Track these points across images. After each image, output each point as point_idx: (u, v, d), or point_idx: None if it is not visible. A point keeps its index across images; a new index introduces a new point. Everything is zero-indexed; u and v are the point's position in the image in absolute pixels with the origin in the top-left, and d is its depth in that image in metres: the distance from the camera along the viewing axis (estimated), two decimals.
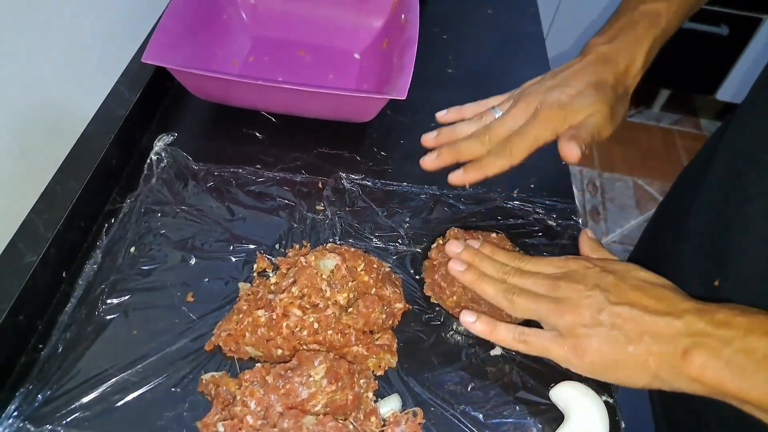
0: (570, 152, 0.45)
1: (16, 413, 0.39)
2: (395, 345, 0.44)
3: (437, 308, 0.46)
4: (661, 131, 1.93)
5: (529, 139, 0.47)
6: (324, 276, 0.43)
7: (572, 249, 0.52)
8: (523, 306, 0.42)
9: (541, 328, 0.42)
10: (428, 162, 0.49)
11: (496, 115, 0.50)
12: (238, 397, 0.38)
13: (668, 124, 1.97)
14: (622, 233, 1.63)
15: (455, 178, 0.48)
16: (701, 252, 0.51)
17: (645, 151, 1.85)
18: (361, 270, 0.44)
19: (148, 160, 0.53)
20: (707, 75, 1.78)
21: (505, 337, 0.41)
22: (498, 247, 0.47)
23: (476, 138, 0.49)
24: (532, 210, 0.54)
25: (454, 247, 0.46)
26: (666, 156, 1.84)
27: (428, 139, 0.51)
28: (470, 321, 0.42)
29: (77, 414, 0.39)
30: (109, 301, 0.45)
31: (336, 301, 0.42)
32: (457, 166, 0.49)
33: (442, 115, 0.54)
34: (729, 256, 0.47)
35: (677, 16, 0.51)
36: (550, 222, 0.54)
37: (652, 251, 0.65)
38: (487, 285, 0.43)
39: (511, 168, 0.48)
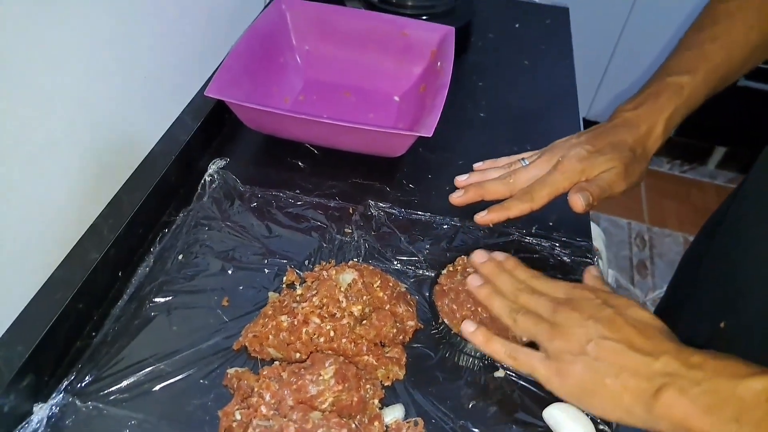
0: (575, 202, 0.52)
1: (67, 389, 0.44)
2: (404, 359, 0.47)
3: (445, 328, 0.49)
4: (715, 188, 1.89)
5: (549, 187, 0.53)
6: (342, 288, 0.47)
7: None
8: (523, 325, 0.45)
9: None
10: (456, 198, 0.57)
11: (524, 165, 0.57)
12: (256, 390, 0.42)
13: (723, 182, 1.92)
14: (666, 289, 1.59)
15: (479, 217, 0.54)
16: (711, 295, 0.53)
17: (697, 208, 1.81)
18: (377, 286, 0.49)
19: (202, 181, 0.60)
20: (764, 133, 1.75)
21: (498, 350, 0.45)
22: (521, 265, 0.50)
23: (501, 179, 0.55)
24: (549, 246, 0.57)
25: (478, 257, 0.50)
26: None
27: (460, 180, 0.58)
28: (470, 330, 0.46)
29: (117, 395, 0.44)
30: (155, 299, 0.50)
31: (351, 312, 0.46)
32: (482, 206, 0.55)
33: (478, 166, 0.61)
34: (734, 298, 0.48)
35: (701, 89, 0.55)
36: (564, 258, 0.56)
37: (672, 298, 0.66)
38: (497, 302, 0.47)
39: (531, 211, 0.54)
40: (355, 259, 0.54)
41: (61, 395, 0.44)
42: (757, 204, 0.48)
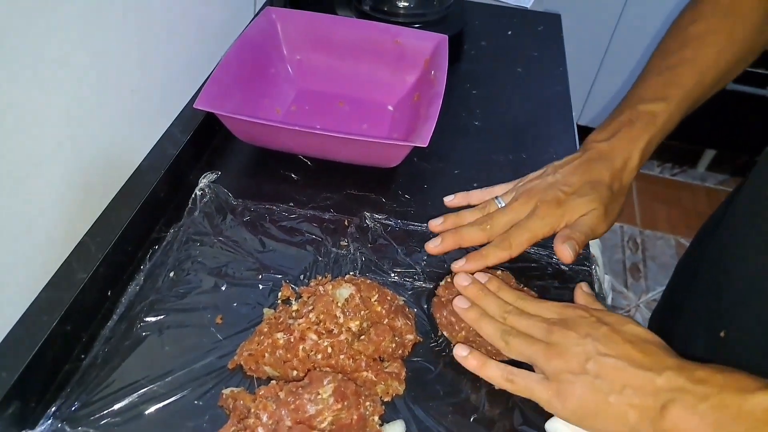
0: (563, 254, 0.50)
1: (56, 414, 0.42)
2: (404, 374, 0.46)
3: (444, 341, 0.48)
4: (705, 191, 1.90)
5: (528, 234, 0.51)
6: (339, 304, 0.46)
7: None
8: (517, 348, 0.44)
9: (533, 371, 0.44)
10: (432, 247, 0.54)
11: (499, 205, 0.55)
12: (252, 410, 0.41)
13: (714, 184, 1.94)
14: (662, 292, 1.59)
15: (458, 267, 0.51)
16: (709, 303, 0.52)
17: (688, 211, 1.82)
18: (375, 301, 0.47)
19: (193, 195, 0.58)
20: (753, 136, 1.77)
21: (494, 374, 0.44)
22: (505, 285, 0.49)
23: (478, 225, 0.53)
24: (546, 255, 0.56)
25: (461, 280, 0.49)
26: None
27: (434, 224, 0.56)
28: (463, 355, 0.45)
29: (109, 419, 0.42)
30: (146, 319, 0.49)
31: (349, 327, 0.45)
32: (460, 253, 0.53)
33: (449, 200, 0.59)
34: (732, 307, 0.48)
35: (675, 115, 0.54)
36: (562, 266, 0.55)
37: (668, 307, 0.66)
38: (486, 324, 0.46)
39: (509, 258, 0.52)
40: (352, 273, 0.53)
41: (49, 421, 0.42)
42: (754, 211, 0.47)
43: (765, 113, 1.68)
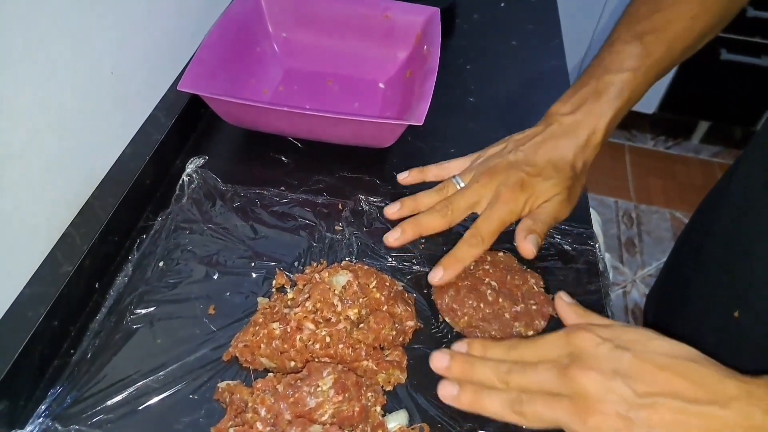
0: (526, 249, 0.48)
1: (46, 413, 0.41)
2: (405, 362, 0.45)
3: (446, 327, 0.47)
4: (700, 163, 1.90)
5: (497, 223, 0.49)
6: (336, 291, 0.44)
7: (587, 273, 0.52)
8: (536, 415, 0.36)
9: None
10: (392, 240, 0.51)
11: (458, 186, 0.52)
12: (250, 404, 0.40)
13: (708, 156, 1.93)
14: (658, 266, 1.59)
15: (437, 278, 0.48)
16: (719, 282, 0.51)
17: (683, 184, 1.82)
18: (373, 287, 0.46)
19: (180, 181, 0.57)
20: (748, 106, 1.75)
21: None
22: (489, 341, 0.42)
23: (438, 212, 0.51)
24: (548, 234, 0.55)
25: (438, 362, 0.41)
26: (705, 188, 1.79)
27: (391, 212, 0.53)
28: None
29: (101, 416, 0.41)
30: (136, 311, 0.47)
31: (347, 316, 0.44)
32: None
33: (403, 177, 0.56)
34: (747, 286, 0.46)
35: (642, 85, 0.51)
36: (565, 246, 0.54)
37: (672, 283, 0.64)
38: (489, 401, 0.38)
39: (483, 252, 0.50)
40: (348, 258, 0.51)
41: (39, 420, 0.41)
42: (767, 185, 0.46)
43: (760, 83, 1.66)
